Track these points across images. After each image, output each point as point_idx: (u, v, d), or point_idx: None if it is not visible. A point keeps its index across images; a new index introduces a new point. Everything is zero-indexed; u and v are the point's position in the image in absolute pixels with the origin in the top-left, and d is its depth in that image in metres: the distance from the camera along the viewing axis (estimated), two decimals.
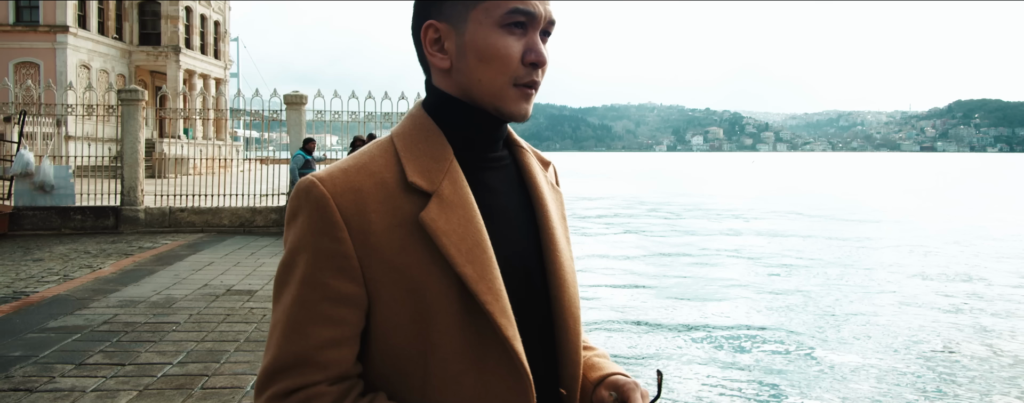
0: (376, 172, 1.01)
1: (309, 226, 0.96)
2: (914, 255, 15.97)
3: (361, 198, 0.98)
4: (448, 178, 1.03)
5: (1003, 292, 11.57)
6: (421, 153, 1.04)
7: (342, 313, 0.96)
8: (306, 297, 0.96)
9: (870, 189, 46.52)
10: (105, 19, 31.18)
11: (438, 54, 1.06)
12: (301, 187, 0.99)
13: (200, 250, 10.89)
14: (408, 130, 1.07)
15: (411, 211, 0.99)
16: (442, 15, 1.05)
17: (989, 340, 8.67)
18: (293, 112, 13.43)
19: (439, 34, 1.06)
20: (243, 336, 6.13)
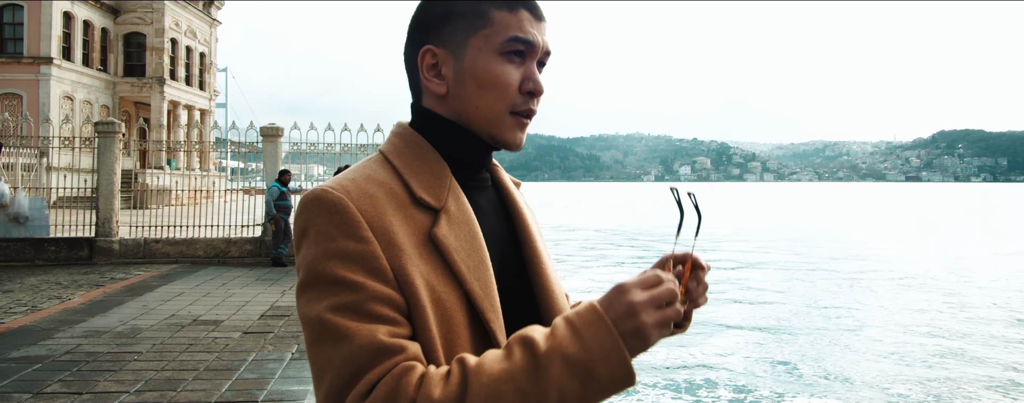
0: (384, 182, 1.01)
1: (329, 231, 0.93)
2: (910, 291, 16.18)
3: (376, 203, 0.97)
4: (451, 194, 1.04)
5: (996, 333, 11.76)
6: (420, 170, 1.04)
7: (391, 313, 0.92)
8: (349, 301, 0.90)
9: (868, 220, 46.91)
10: (90, 51, 31.41)
11: (435, 80, 1.07)
12: (311, 197, 0.96)
13: (172, 281, 10.97)
14: (401, 148, 1.08)
15: (422, 224, 0.99)
16: (441, 40, 1.06)
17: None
18: (269, 144, 13.61)
19: (437, 59, 1.07)
20: (203, 365, 6.22)
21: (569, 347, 0.87)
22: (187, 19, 36.04)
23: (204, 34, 38.51)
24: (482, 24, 1.04)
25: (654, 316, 0.90)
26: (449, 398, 0.84)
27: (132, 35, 33.38)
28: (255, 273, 11.95)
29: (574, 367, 0.87)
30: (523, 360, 0.87)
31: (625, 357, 0.88)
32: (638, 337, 0.90)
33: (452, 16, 1.05)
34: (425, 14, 1.09)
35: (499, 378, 0.86)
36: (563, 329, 0.89)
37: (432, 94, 1.08)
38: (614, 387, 0.89)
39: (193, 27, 36.81)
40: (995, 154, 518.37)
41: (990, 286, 16.01)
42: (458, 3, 1.06)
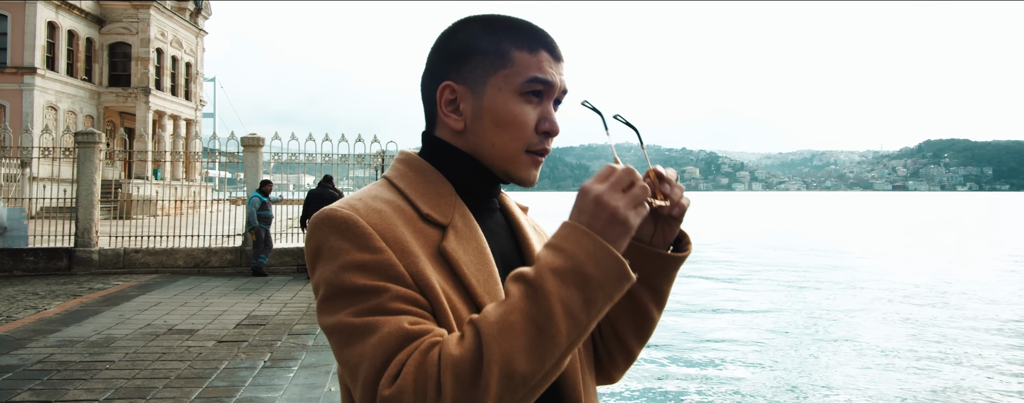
0: (390, 201, 1.03)
1: (342, 246, 0.94)
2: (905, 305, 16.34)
3: (386, 217, 0.99)
4: (457, 211, 1.07)
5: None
6: (425, 190, 1.07)
7: (414, 309, 0.93)
8: (372, 304, 0.92)
9: (856, 230, 47.20)
10: (74, 61, 31.36)
11: (453, 115, 1.09)
12: (319, 218, 0.98)
13: (150, 290, 10.99)
14: (404, 173, 1.10)
15: (431, 238, 1.02)
16: (460, 77, 1.08)
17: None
18: (250, 154, 13.66)
19: (455, 95, 1.08)
20: (174, 373, 6.26)
21: (555, 261, 0.89)
22: (173, 29, 36.05)
23: (190, 44, 38.51)
24: (502, 64, 1.06)
25: (622, 199, 0.92)
26: (467, 349, 0.86)
27: (117, 45, 33.33)
28: (234, 283, 11.98)
29: (566, 276, 0.88)
30: (519, 290, 0.89)
31: (610, 250, 0.89)
32: (615, 223, 0.91)
33: (472, 54, 1.07)
34: (445, 49, 1.10)
35: (504, 314, 0.87)
36: (544, 251, 0.91)
37: (448, 128, 1.10)
38: (613, 282, 0.90)
39: (179, 37, 36.82)
40: (981, 163, 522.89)
41: (978, 297, 16.20)
42: (479, 41, 1.08)
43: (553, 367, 0.88)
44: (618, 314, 1.15)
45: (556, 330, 0.86)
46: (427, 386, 0.85)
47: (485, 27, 1.09)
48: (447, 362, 0.85)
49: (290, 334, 7.99)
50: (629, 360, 1.21)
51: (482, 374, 0.84)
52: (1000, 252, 28.45)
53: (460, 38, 1.09)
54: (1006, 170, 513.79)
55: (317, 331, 8.18)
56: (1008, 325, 12.38)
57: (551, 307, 0.87)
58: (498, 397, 0.84)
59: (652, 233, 1.11)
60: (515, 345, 0.85)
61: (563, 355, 0.88)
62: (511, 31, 1.08)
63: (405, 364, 0.86)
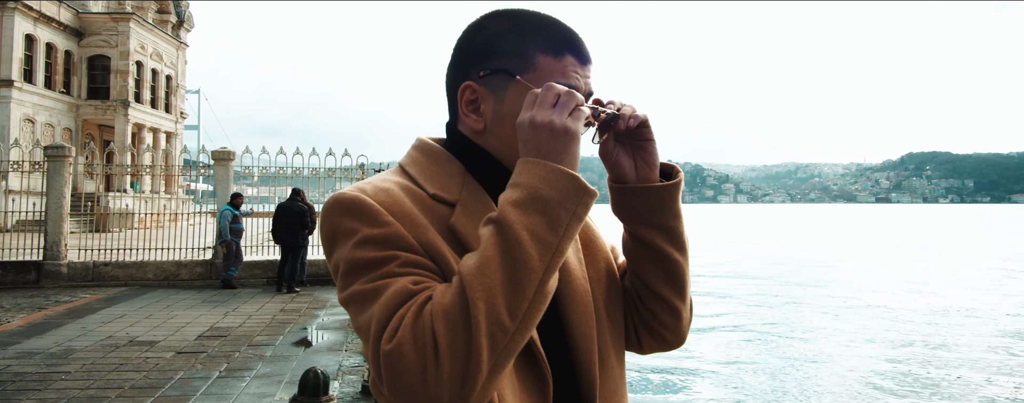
0: (398, 183, 1.05)
1: (353, 226, 0.98)
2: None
3: (394, 196, 1.01)
4: (465, 188, 1.08)
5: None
6: (434, 172, 1.09)
7: (421, 272, 0.97)
8: (383, 270, 0.95)
9: (842, 242, 47.53)
10: (52, 73, 31.34)
11: (473, 115, 1.09)
12: (331, 202, 1.02)
13: (116, 303, 11.07)
14: (416, 158, 1.12)
15: (441, 215, 1.04)
16: (481, 78, 1.07)
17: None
18: (221, 168, 13.79)
19: (476, 96, 1.08)
20: (129, 383, 6.39)
21: (512, 195, 0.93)
22: (153, 42, 36.10)
23: (171, 57, 38.55)
24: (525, 68, 1.05)
25: (553, 112, 0.96)
26: (453, 294, 0.89)
27: (96, 58, 33.33)
28: (202, 295, 12.08)
29: (525, 205, 0.92)
30: (488, 231, 0.92)
31: (559, 169, 0.93)
32: (555, 136, 0.95)
33: (495, 55, 1.06)
34: (468, 47, 1.10)
35: (479, 254, 0.91)
36: (503, 193, 0.96)
37: (469, 127, 1.11)
38: (571, 197, 0.93)
39: (159, 50, 36.86)
40: (962, 176, 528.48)
41: (963, 307, 16.49)
42: (503, 42, 1.07)
43: (536, 295, 0.90)
44: (642, 267, 1.16)
45: (527, 256, 0.89)
46: (425, 336, 0.87)
47: (511, 27, 1.08)
48: (438, 310, 0.88)
49: (250, 345, 8.12)
50: (676, 315, 1.18)
51: (469, 314, 0.87)
52: (993, 263, 28.88)
53: (485, 35, 1.08)
54: (986, 182, 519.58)
55: (276, 342, 8.31)
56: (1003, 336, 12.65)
57: (518, 236, 0.90)
58: (489, 333, 0.87)
59: (633, 170, 1.13)
60: (493, 279, 0.88)
61: (542, 280, 0.90)
62: (538, 33, 1.07)
63: (403, 319, 0.89)
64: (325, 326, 9.40)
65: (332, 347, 8.12)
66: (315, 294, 12.34)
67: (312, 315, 10.20)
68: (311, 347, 8.14)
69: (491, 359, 0.88)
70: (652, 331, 1.20)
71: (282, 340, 8.45)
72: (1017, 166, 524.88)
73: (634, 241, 1.15)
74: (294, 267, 12.56)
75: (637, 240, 1.14)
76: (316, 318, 9.96)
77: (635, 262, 1.16)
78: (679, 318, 1.19)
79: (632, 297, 1.21)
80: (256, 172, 14.00)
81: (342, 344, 8.25)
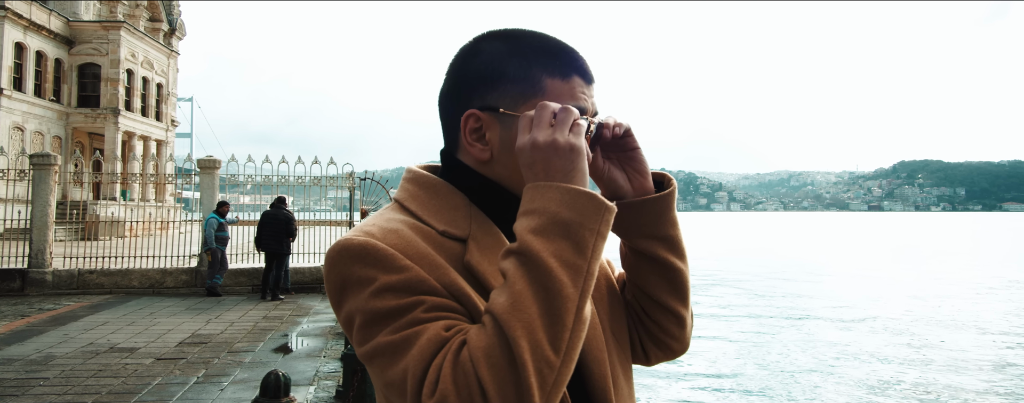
0: (406, 222, 0.99)
1: (368, 274, 0.91)
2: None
3: (405, 238, 0.95)
4: (474, 222, 1.02)
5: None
6: (438, 207, 1.03)
7: (451, 315, 0.91)
8: (409, 318, 0.89)
9: (835, 251, 47.73)
10: (42, 81, 31.37)
11: (478, 144, 1.03)
12: (337, 251, 0.94)
13: (100, 311, 11.13)
14: (414, 193, 1.06)
15: (454, 252, 0.98)
16: (486, 105, 1.02)
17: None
18: (206, 176, 13.88)
19: (480, 124, 1.03)
20: (106, 389, 6.47)
21: (530, 223, 0.89)
22: (144, 50, 36.17)
23: (162, 65, 38.62)
24: (533, 93, 1.01)
25: (553, 131, 0.92)
26: (490, 335, 0.84)
27: (87, 66, 33.37)
28: (187, 303, 12.15)
29: (546, 231, 0.88)
30: (512, 264, 0.88)
31: (575, 190, 0.90)
32: (562, 154, 0.92)
33: (500, 80, 1.02)
34: (468, 70, 1.04)
35: (509, 290, 0.86)
36: (518, 222, 0.91)
37: (472, 156, 1.05)
38: (592, 216, 0.89)
39: (150, 58, 36.93)
40: (953, 184, 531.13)
41: (957, 319, 16.65)
42: (507, 66, 1.02)
43: (576, 322, 0.86)
44: (645, 279, 1.13)
45: (560, 284, 0.85)
46: (470, 384, 0.82)
47: (512, 49, 1.03)
48: (478, 354, 0.83)
49: (230, 352, 8.20)
50: (681, 324, 1.17)
51: (513, 353, 0.82)
52: (988, 273, 29.08)
53: (484, 59, 1.03)
54: (978, 191, 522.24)
55: (256, 348, 8.40)
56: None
57: (546, 264, 0.86)
58: (536, 370, 0.82)
59: (627, 183, 1.10)
60: (530, 313, 0.84)
61: (579, 307, 0.86)
62: (542, 55, 1.03)
63: (441, 368, 0.84)
64: (306, 333, 9.48)
65: (311, 353, 8.21)
66: (299, 302, 12.42)
67: (294, 322, 10.28)
68: (290, 353, 8.23)
69: (542, 398, 0.83)
70: (658, 341, 1.18)
71: (262, 347, 8.54)
72: (1008, 174, 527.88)
73: (634, 254, 1.13)
74: (279, 275, 12.65)
75: (638, 253, 1.13)
76: (298, 325, 10.05)
77: (637, 274, 1.15)
78: (684, 326, 1.18)
79: (635, 310, 1.18)
80: (245, 180, 14.06)
81: (321, 351, 8.34)
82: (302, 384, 6.81)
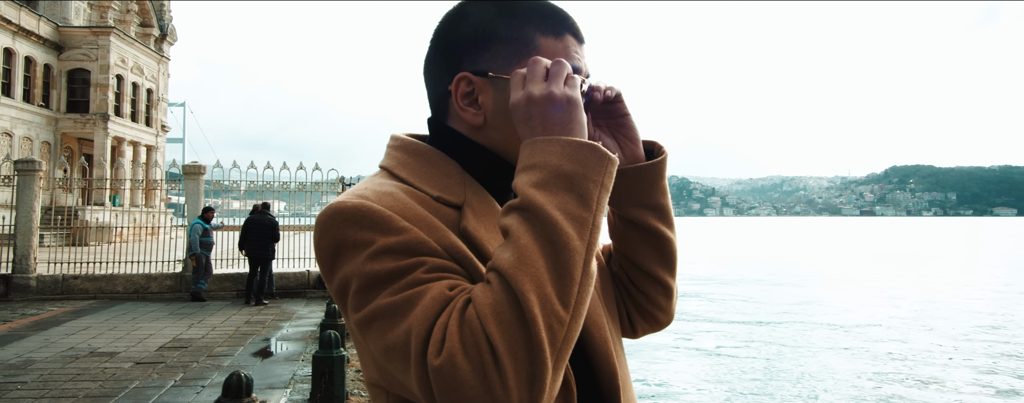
0: (398, 186, 0.96)
1: (364, 236, 0.88)
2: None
3: (401, 200, 0.92)
4: (469, 189, 1.00)
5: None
6: (430, 174, 1.00)
7: (453, 276, 0.88)
8: (409, 279, 0.86)
9: (827, 256, 47.81)
10: (31, 87, 31.37)
11: (470, 108, 1.00)
12: (328, 213, 0.91)
13: (82, 316, 11.18)
14: (403, 160, 1.03)
15: (450, 219, 0.95)
16: (477, 67, 0.99)
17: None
18: (191, 182, 13.95)
19: (473, 87, 0.99)
20: (83, 393, 6.53)
21: (531, 177, 0.87)
22: (134, 56, 36.19)
23: (152, 70, 38.63)
24: (527, 52, 0.99)
25: (549, 84, 0.90)
26: (498, 291, 0.81)
27: (76, 71, 33.39)
28: (170, 308, 12.20)
29: (549, 185, 0.86)
30: (515, 219, 0.85)
31: (575, 141, 0.87)
32: (559, 108, 0.89)
33: (492, 41, 0.99)
34: (456, 33, 1.02)
35: (514, 245, 0.83)
36: (518, 177, 0.89)
37: (465, 121, 1.02)
38: (595, 167, 0.87)
39: (140, 63, 36.95)
40: (945, 189, 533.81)
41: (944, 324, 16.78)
42: (498, 26, 1.00)
43: (584, 276, 0.83)
44: (634, 247, 1.12)
45: (567, 236, 0.83)
46: (478, 342, 0.79)
47: (502, 9, 1.01)
48: (485, 311, 0.80)
49: (209, 356, 8.27)
50: (668, 293, 1.16)
51: (522, 308, 0.80)
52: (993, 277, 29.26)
53: (473, 22, 1.00)
54: (969, 195, 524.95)
55: (236, 352, 8.47)
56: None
57: (551, 217, 0.84)
58: (547, 325, 0.80)
59: (618, 151, 1.09)
60: (538, 267, 0.81)
61: (586, 260, 0.84)
62: (533, 14, 1.01)
63: (447, 327, 0.81)
64: (287, 337, 9.55)
65: (290, 357, 8.28)
66: (283, 306, 12.49)
67: (276, 327, 10.35)
68: (270, 357, 8.31)
69: (553, 354, 0.80)
70: (644, 312, 1.17)
71: (242, 351, 8.61)
72: (999, 179, 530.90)
73: (624, 223, 1.12)
74: (263, 280, 12.72)
75: (627, 222, 1.12)
76: (280, 329, 10.12)
77: (626, 244, 1.13)
78: (671, 296, 1.17)
79: (622, 281, 1.17)
80: (230, 185, 14.13)
81: (300, 355, 8.42)
82: (278, 387, 6.90)
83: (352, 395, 6.92)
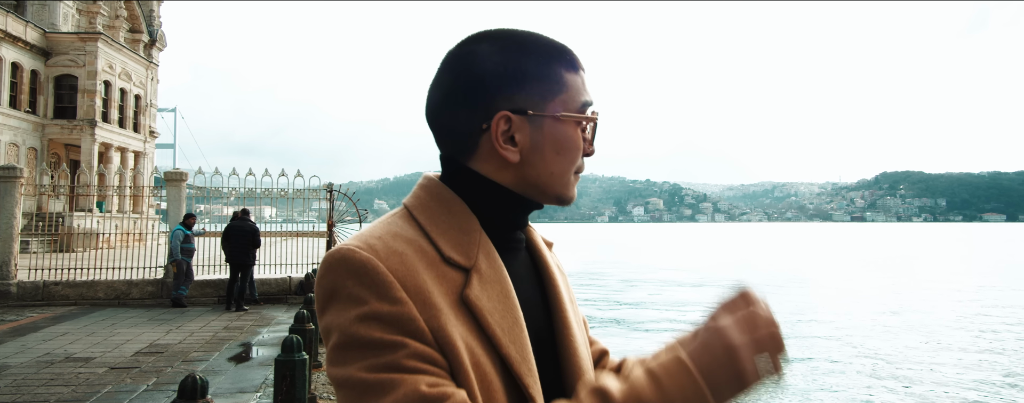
0: (412, 240, 0.96)
1: (360, 294, 0.88)
2: None
3: (407, 261, 0.92)
4: (482, 251, 0.99)
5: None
6: (448, 226, 0.99)
7: (432, 368, 0.86)
8: (388, 360, 0.85)
9: (820, 263, 48.01)
10: (18, 92, 31.35)
11: (509, 146, 1.00)
12: (336, 257, 0.91)
13: (61, 322, 11.24)
14: (426, 202, 1.02)
15: (454, 283, 0.94)
16: (514, 106, 1.00)
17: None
18: (173, 188, 14.02)
19: (510, 125, 1.00)
20: (55, 397, 6.61)
21: (641, 388, 0.84)
22: (122, 62, 36.19)
23: (140, 76, 38.64)
24: (558, 89, 1.01)
25: (757, 361, 0.84)
26: None
27: (63, 77, 33.38)
28: (151, 314, 12.26)
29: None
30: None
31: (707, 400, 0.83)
32: (735, 385, 0.84)
33: (526, 80, 1.00)
34: (485, 72, 1.00)
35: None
36: (642, 374, 0.86)
37: (496, 160, 1.02)
38: None
39: (128, 69, 36.95)
40: (934, 195, 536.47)
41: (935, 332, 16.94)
42: (528, 66, 1.01)
43: None
44: None
45: None
46: None
47: (523, 48, 1.02)
48: None
49: (184, 361, 8.35)
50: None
51: None
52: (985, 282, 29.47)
53: (499, 60, 1.00)
54: (958, 201, 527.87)
55: (211, 357, 8.55)
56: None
57: None
58: None
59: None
60: None
61: None
62: (553, 51, 1.03)
63: None
64: (264, 343, 9.64)
65: (264, 362, 8.37)
66: (263, 312, 12.56)
67: (254, 332, 10.43)
68: (244, 362, 8.39)
69: None
70: None
71: (218, 356, 8.69)
72: (988, 185, 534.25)
73: None
74: (243, 286, 12.80)
75: None
76: (257, 335, 10.20)
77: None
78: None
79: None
80: (212, 192, 14.20)
81: (274, 360, 8.49)
82: (249, 391, 6.99)
83: (321, 399, 7.02)
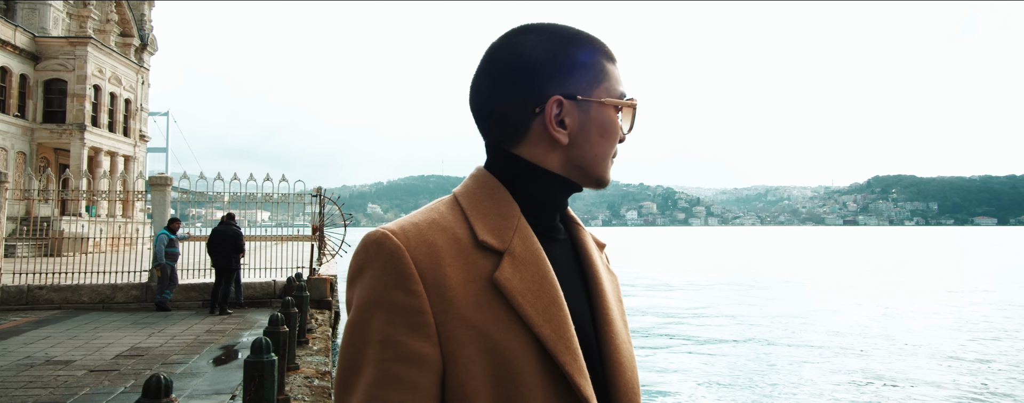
0: (448, 228, 1.00)
1: (381, 279, 0.94)
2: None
3: (435, 252, 0.96)
4: (518, 235, 1.02)
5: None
6: (488, 211, 1.03)
7: (415, 376, 0.91)
8: (379, 356, 0.92)
9: (812, 267, 48.26)
10: (7, 97, 31.32)
11: (561, 129, 1.06)
12: (371, 239, 0.97)
13: (44, 325, 11.31)
14: (472, 189, 1.07)
15: (485, 269, 0.97)
16: (565, 91, 1.06)
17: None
18: (158, 193, 14.11)
19: (561, 109, 1.06)
20: (33, 399, 6.70)
21: None
22: (112, 66, 36.19)
23: (130, 80, 38.63)
24: (603, 77, 1.08)
25: None
26: None
27: (53, 81, 33.36)
28: (134, 317, 12.34)
29: None
30: None
31: None
32: None
33: (575, 68, 1.06)
34: (535, 60, 1.06)
35: None
36: None
37: (546, 143, 1.07)
38: None
39: (118, 74, 36.95)
40: (926, 199, 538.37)
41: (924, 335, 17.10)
42: (578, 55, 1.07)
43: None
44: None
45: None
46: None
47: (569, 38, 1.09)
48: None
49: (164, 364, 8.44)
50: None
51: None
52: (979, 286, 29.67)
53: (549, 49, 1.07)
54: (950, 205, 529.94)
55: (190, 360, 8.65)
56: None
57: None
58: None
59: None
60: None
61: None
62: (596, 43, 1.10)
63: None
64: (245, 346, 9.72)
65: (242, 365, 8.46)
66: (246, 316, 12.65)
67: (236, 336, 10.52)
68: (223, 364, 8.49)
69: None
70: None
71: (197, 359, 8.78)
72: (979, 189, 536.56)
73: None
74: (228, 289, 12.88)
75: None
76: (239, 338, 10.29)
77: None
78: None
79: None
80: (196, 197, 14.29)
81: None
82: (225, 392, 7.09)
83: (295, 399, 7.13)
